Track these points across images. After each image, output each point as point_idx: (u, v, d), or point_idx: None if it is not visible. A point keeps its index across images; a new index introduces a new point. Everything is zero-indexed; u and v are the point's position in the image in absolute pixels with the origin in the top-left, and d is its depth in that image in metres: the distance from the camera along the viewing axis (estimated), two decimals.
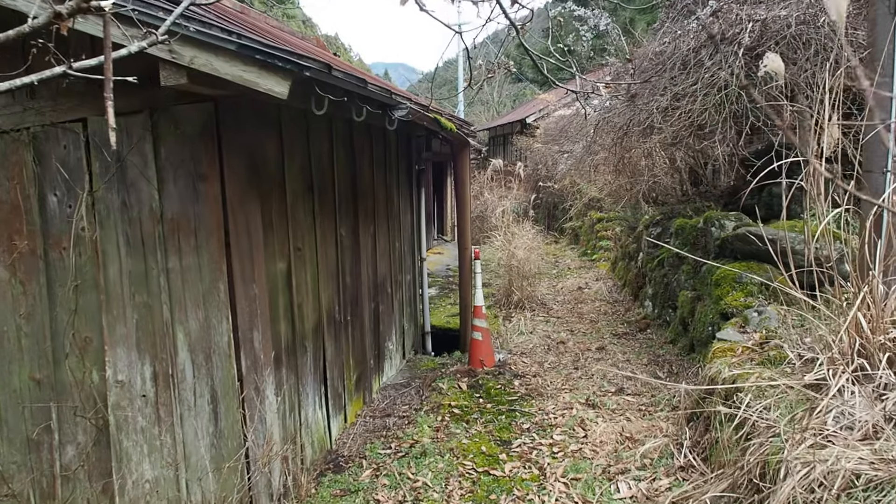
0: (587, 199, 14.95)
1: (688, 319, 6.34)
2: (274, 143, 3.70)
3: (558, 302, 9.59)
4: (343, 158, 4.75)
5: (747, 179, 8.00)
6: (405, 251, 6.53)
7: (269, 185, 3.63)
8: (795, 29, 4.54)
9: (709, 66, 4.86)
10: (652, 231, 8.45)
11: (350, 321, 4.91)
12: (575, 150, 15.01)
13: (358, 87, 3.19)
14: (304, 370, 4.09)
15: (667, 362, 6.18)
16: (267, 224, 3.57)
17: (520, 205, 17.19)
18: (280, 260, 3.76)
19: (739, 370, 3.91)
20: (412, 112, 4.00)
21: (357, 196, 5.01)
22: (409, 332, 6.70)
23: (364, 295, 5.21)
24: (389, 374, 5.97)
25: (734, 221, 6.10)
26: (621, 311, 8.67)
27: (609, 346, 6.94)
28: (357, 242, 5.03)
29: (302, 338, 4.04)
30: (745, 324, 4.81)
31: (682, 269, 6.91)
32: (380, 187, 5.66)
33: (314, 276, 4.23)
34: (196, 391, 3.41)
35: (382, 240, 5.73)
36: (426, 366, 6.40)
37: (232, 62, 2.67)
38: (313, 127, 4.17)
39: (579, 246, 14.67)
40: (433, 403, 5.30)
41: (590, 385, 5.71)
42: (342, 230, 4.73)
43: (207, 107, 3.17)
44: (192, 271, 3.31)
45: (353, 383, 4.95)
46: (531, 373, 6.16)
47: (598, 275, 11.45)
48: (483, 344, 6.27)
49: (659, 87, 5.34)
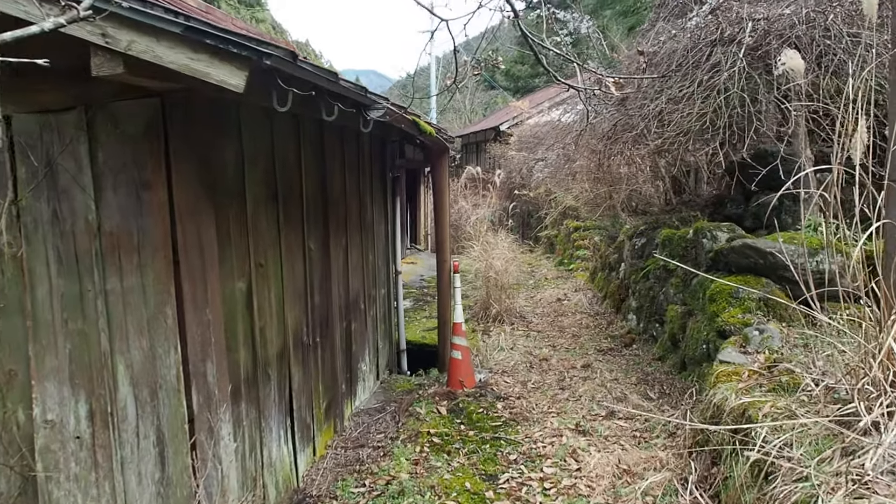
0: (563, 207, 14.66)
1: (678, 335, 6.01)
2: (232, 146, 3.26)
3: (538, 314, 9.23)
4: (312, 164, 4.32)
5: (733, 188, 7.75)
6: (379, 264, 6.10)
7: (226, 193, 3.19)
8: (801, 29, 4.25)
9: (707, 69, 4.55)
10: (636, 242, 8.14)
11: (319, 343, 4.47)
12: (550, 157, 14.75)
13: (328, 81, 2.77)
14: (268, 402, 3.63)
15: (657, 381, 5.84)
16: (223, 238, 3.13)
17: (494, 213, 16.87)
18: (239, 278, 3.31)
19: (749, 397, 3.56)
20: (389, 113, 3.59)
21: (327, 205, 4.58)
22: (383, 350, 6.27)
23: (335, 313, 4.77)
24: (362, 397, 5.53)
25: (727, 233, 5.79)
26: (604, 325, 8.34)
27: (594, 364, 6.58)
28: (327, 256, 4.59)
29: (265, 366, 3.59)
30: (746, 343, 4.48)
31: (670, 282, 6.60)
32: (353, 196, 5.23)
33: (279, 296, 3.79)
34: (140, 432, 2.94)
35: (355, 252, 5.30)
36: (402, 387, 5.97)
37: (177, 48, 2.23)
38: (279, 128, 3.74)
39: (555, 255, 14.38)
40: (411, 431, 4.87)
41: (578, 408, 5.33)
42: (311, 243, 4.29)
43: (153, 103, 2.73)
44: (135, 293, 2.85)
45: (322, 412, 4.50)
46: (514, 394, 5.77)
47: (577, 285, 11.13)
48: (463, 363, 5.86)
49: (651, 91, 5.02)
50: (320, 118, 3.24)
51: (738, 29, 4.51)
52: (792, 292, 5.02)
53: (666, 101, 4.74)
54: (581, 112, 8.87)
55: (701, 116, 4.55)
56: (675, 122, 4.63)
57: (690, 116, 4.57)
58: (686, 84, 4.65)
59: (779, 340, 4.39)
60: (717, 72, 4.53)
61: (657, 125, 4.81)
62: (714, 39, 4.64)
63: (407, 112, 4.25)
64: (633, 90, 5.25)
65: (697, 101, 4.55)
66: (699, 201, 8.00)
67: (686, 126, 4.58)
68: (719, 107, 4.43)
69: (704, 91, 4.54)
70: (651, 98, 4.99)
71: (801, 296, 5.08)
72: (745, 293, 4.95)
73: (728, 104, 4.39)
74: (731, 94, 4.37)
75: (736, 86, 4.34)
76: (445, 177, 5.98)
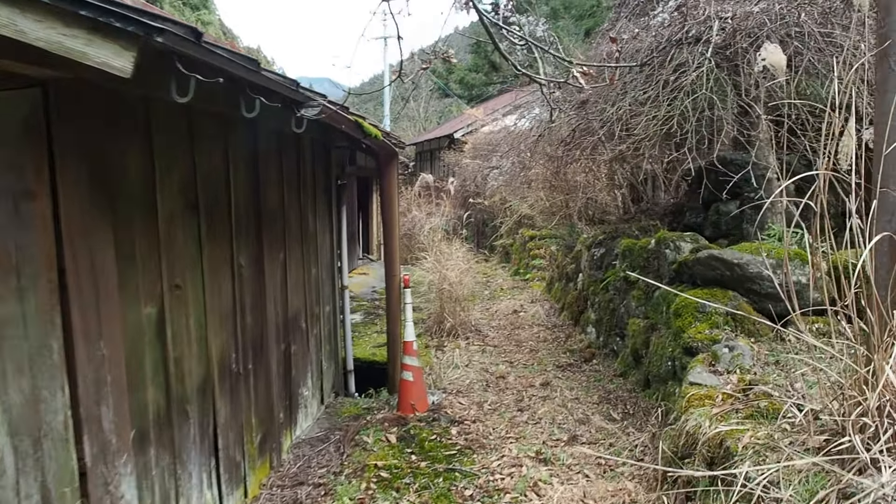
0: (518, 216, 14.41)
1: (641, 351, 5.72)
2: (139, 149, 2.79)
3: (494, 327, 8.88)
4: (243, 171, 3.87)
5: (694, 196, 7.54)
6: (324, 278, 5.65)
7: (131, 204, 2.72)
8: (772, 27, 4.00)
9: (672, 69, 4.26)
10: (595, 252, 7.86)
11: (252, 370, 4.00)
12: (504, 165, 14.50)
13: (246, 69, 2.33)
14: (186, 444, 3.16)
15: (620, 400, 5.53)
16: (126, 257, 2.66)
17: (449, 222, 16.53)
18: (148, 303, 2.84)
19: (725, 425, 3.24)
20: (326, 111, 3.16)
21: (262, 217, 4.13)
22: (328, 372, 5.81)
23: (271, 336, 4.31)
24: (304, 425, 5.06)
25: (691, 243, 5.53)
26: (562, 338, 8.04)
27: (554, 381, 6.24)
28: (261, 273, 4.13)
29: (181, 402, 3.12)
30: (716, 361, 4.19)
31: (631, 294, 6.31)
32: (292, 206, 4.78)
33: (200, 320, 3.32)
34: (20, 490, 2.44)
35: (295, 267, 4.85)
36: (349, 412, 5.52)
37: (46, 21, 1.78)
38: (201, 130, 3.28)
39: (511, 265, 14.10)
40: (356, 464, 4.42)
41: (538, 432, 4.97)
42: (241, 259, 3.83)
43: (31, 94, 2.26)
44: (14, 324, 2.36)
45: (255, 447, 4.03)
46: (470, 417, 5.38)
47: (533, 296, 10.84)
48: (415, 385, 5.44)
49: (613, 94, 4.71)
50: (253, 120, 2.83)
51: (705, 28, 4.24)
52: (759, 305, 4.78)
53: (630, 103, 4.43)
54: (537, 119, 8.59)
55: (667, 119, 4.27)
56: (640, 124, 4.33)
57: (656, 120, 4.28)
58: (650, 86, 4.36)
59: (750, 358, 4.12)
60: (683, 73, 4.25)
61: (622, 128, 4.50)
62: (680, 38, 4.37)
63: (349, 112, 3.83)
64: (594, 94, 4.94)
65: (664, 104, 4.26)
66: (657, 210, 7.78)
67: (652, 130, 4.28)
68: (686, 110, 4.14)
69: (672, 93, 4.26)
70: (613, 101, 4.69)
71: (769, 309, 4.88)
72: (711, 308, 4.67)
73: (696, 107, 4.11)
74: (699, 95, 4.09)
75: (704, 87, 4.06)
76: (394, 184, 5.57)
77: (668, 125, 4.30)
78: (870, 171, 2.82)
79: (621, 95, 4.65)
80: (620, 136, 4.54)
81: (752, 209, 6.09)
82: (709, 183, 5.10)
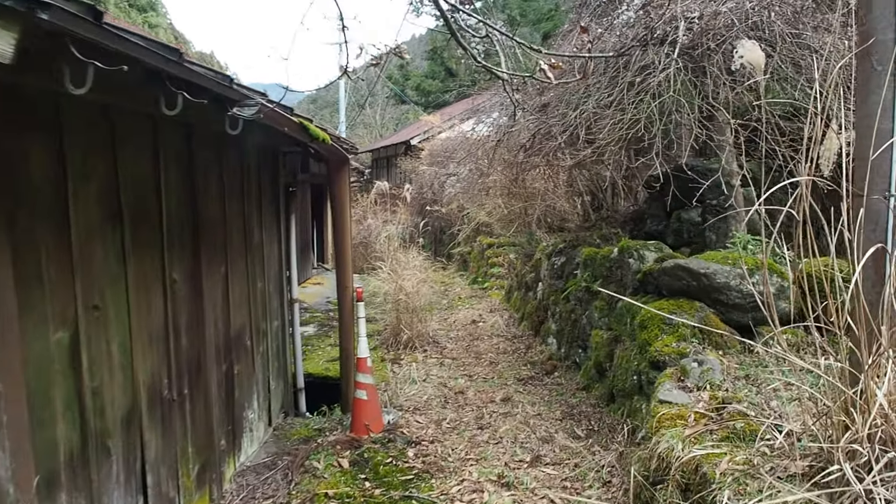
0: (476, 223, 14.20)
1: (605, 364, 5.52)
2: (45, 151, 2.44)
3: (452, 339, 8.63)
4: (177, 178, 3.52)
5: (652, 204, 7.41)
6: (271, 292, 5.30)
7: (37, 216, 2.37)
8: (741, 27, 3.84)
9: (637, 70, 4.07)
10: (555, 261, 7.67)
11: (189, 395, 3.65)
12: (462, 172, 14.28)
13: (164, 59, 2.02)
14: (107, 483, 2.80)
15: (584, 416, 5.32)
16: (29, 278, 2.31)
17: (406, 229, 16.23)
18: (59, 328, 2.49)
19: (700, 448, 3.04)
20: (264, 111, 2.85)
21: (199, 227, 3.78)
22: (277, 391, 5.46)
23: (210, 356, 3.96)
24: (250, 451, 4.71)
25: (655, 252, 5.36)
26: (522, 349, 7.82)
27: (515, 396, 6.01)
28: (198, 289, 3.79)
29: (101, 437, 2.76)
30: (685, 376, 4.00)
31: (593, 304, 6.12)
32: (235, 215, 4.45)
33: (124, 344, 2.97)
34: None
35: (239, 281, 4.51)
36: (299, 434, 5.17)
37: None
38: (125, 131, 2.93)
39: (469, 273, 13.89)
40: (305, 494, 4.10)
41: (499, 452, 4.71)
42: (175, 274, 3.48)
43: None
44: None
45: (192, 479, 3.67)
46: (428, 437, 5.10)
47: (492, 305, 10.63)
48: (369, 404, 5.13)
49: (576, 97, 4.51)
50: (187, 122, 2.52)
51: (672, 28, 4.07)
52: (726, 317, 4.63)
53: (593, 106, 4.23)
54: (495, 124, 8.37)
55: (633, 123, 4.07)
56: (605, 128, 4.12)
57: (622, 123, 4.08)
58: (615, 88, 4.16)
59: (720, 373, 3.94)
60: (649, 74, 4.07)
61: (585, 132, 4.29)
62: (645, 39, 4.19)
63: (294, 113, 3.53)
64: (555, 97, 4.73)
65: (629, 107, 4.07)
66: (618, 217, 7.64)
67: (617, 134, 4.08)
68: (653, 113, 3.96)
69: (637, 95, 4.07)
70: (575, 105, 4.48)
71: (737, 321, 4.73)
72: (679, 320, 4.49)
73: (663, 110, 3.93)
74: (666, 98, 3.91)
75: (671, 89, 3.88)
76: (346, 191, 5.26)
77: (634, 129, 4.11)
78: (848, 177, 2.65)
79: (584, 98, 4.45)
80: (583, 141, 4.33)
81: (714, 216, 5.98)
82: (674, 190, 4.93)
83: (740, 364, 4.14)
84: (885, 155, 2.47)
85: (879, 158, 2.44)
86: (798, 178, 2.38)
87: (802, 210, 2.47)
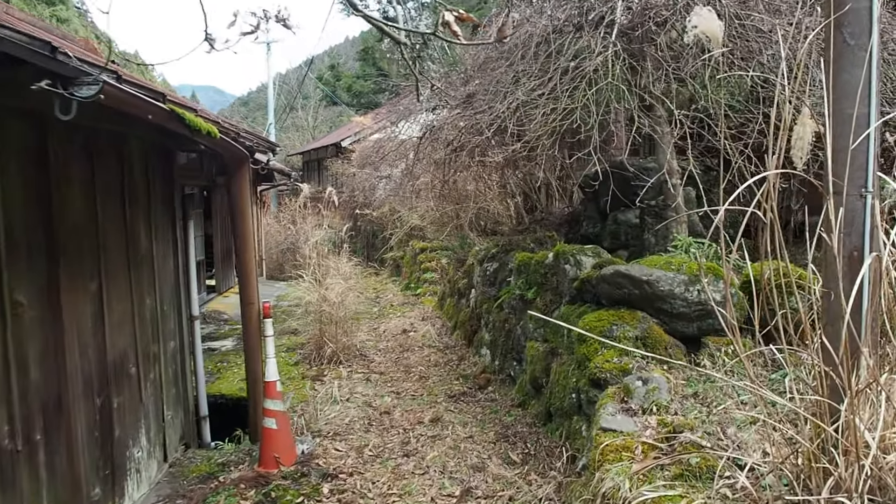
0: (409, 227, 13.70)
1: (541, 379, 5.10)
2: None
3: (381, 350, 8.09)
4: (19, 181, 2.88)
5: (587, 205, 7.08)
6: (165, 310, 4.65)
7: None
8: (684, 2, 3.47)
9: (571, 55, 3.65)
10: (487, 267, 7.23)
11: (42, 442, 3.00)
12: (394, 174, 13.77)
13: None
14: None
15: (520, 437, 4.88)
16: None
17: (336, 234, 15.58)
18: None
19: (651, 490, 2.61)
20: (108, 92, 2.25)
21: (58, 239, 3.14)
22: (174, 422, 4.80)
23: (76, 391, 3.31)
24: (136, 495, 4.05)
25: (593, 257, 4.96)
26: (455, 361, 7.35)
27: (445, 415, 5.52)
28: (57, 311, 3.14)
29: None
30: (629, 396, 3.60)
31: (528, 314, 5.69)
32: (112, 220, 3.80)
33: None
34: None
35: (119, 299, 3.86)
36: (198, 471, 4.54)
37: None
38: None
39: (401, 278, 13.37)
40: None
41: (426, 485, 4.21)
42: (19, 295, 2.84)
43: None
44: None
45: None
46: (347, 468, 4.55)
47: (425, 313, 10.13)
48: (279, 434, 4.55)
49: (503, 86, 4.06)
50: (40, 108, 1.90)
51: (609, 8, 3.67)
52: (670, 327, 4.27)
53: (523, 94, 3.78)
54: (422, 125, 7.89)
55: (568, 113, 3.65)
56: (536, 119, 3.68)
57: (555, 114, 3.65)
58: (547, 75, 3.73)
59: (667, 392, 3.55)
60: (584, 58, 3.65)
61: (516, 124, 3.83)
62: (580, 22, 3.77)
63: (164, 99, 2.93)
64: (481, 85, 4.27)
65: (563, 96, 3.64)
66: (553, 220, 7.28)
67: (550, 126, 3.65)
68: (589, 102, 3.55)
69: (572, 81, 3.65)
70: (503, 95, 4.03)
71: (682, 331, 4.38)
72: (620, 331, 4.10)
73: (600, 99, 3.52)
74: (603, 85, 3.51)
75: (609, 74, 3.48)
76: (246, 193, 4.66)
77: (568, 120, 3.69)
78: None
79: (513, 87, 4.00)
80: (512, 135, 3.89)
81: (652, 217, 5.65)
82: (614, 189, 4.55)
83: (687, 380, 3.77)
84: (861, 147, 2.09)
85: (857, 151, 2.06)
86: (767, 173, 1.96)
87: (770, 210, 2.06)
